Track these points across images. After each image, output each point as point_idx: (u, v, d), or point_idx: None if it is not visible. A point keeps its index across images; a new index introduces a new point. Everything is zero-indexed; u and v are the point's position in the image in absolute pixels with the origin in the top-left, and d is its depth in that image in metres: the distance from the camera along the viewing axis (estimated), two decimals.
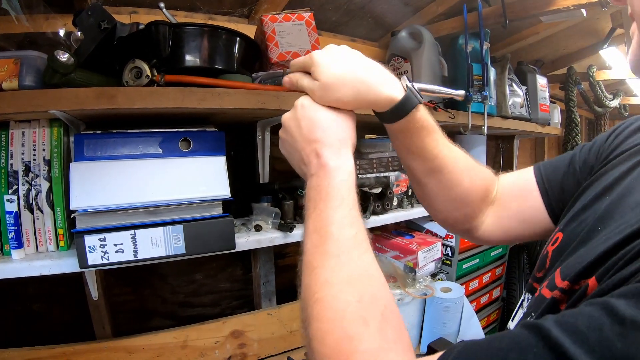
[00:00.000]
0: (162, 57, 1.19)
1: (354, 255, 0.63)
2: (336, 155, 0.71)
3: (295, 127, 0.76)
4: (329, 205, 0.67)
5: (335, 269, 0.61)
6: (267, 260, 1.76)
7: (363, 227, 0.67)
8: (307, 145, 0.74)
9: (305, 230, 0.68)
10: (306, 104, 0.77)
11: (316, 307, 0.58)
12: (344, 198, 0.67)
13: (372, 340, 0.53)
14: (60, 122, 1.15)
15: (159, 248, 1.13)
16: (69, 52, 1.02)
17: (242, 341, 1.59)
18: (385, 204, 1.75)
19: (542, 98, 2.62)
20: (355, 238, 0.64)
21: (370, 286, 0.60)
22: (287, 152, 0.81)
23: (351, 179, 0.70)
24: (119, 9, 1.50)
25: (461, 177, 0.91)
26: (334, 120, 0.75)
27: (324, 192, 0.68)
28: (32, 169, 1.13)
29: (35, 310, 1.45)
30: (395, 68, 1.99)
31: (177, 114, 1.22)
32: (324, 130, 0.73)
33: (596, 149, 0.83)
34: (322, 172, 0.70)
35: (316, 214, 0.67)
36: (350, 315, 0.55)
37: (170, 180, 1.17)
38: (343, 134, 0.75)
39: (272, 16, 1.40)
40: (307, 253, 0.65)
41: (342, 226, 0.65)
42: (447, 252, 2.08)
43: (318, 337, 0.56)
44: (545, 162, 0.94)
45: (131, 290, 1.61)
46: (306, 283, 0.62)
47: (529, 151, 3.72)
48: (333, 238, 0.63)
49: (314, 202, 0.69)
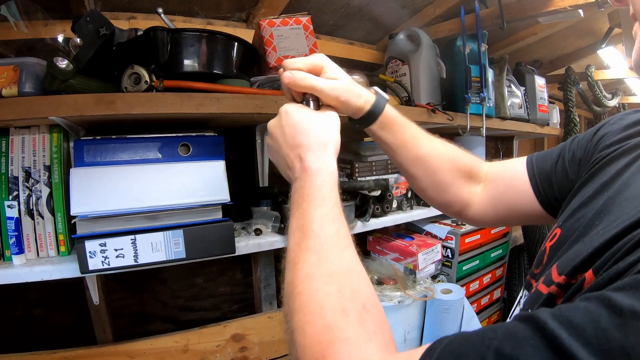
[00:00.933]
0: (160, 63, 1.19)
1: (335, 250, 0.64)
2: (318, 159, 0.75)
3: (280, 134, 0.80)
4: (311, 205, 0.69)
5: (316, 264, 0.62)
6: (268, 263, 1.76)
7: (345, 225, 0.69)
8: (291, 151, 0.78)
9: (289, 229, 0.71)
10: (290, 110, 0.80)
11: (297, 300, 0.60)
12: (325, 197, 0.70)
13: (352, 330, 0.54)
14: (60, 128, 1.15)
15: (159, 253, 1.13)
16: (67, 59, 1.02)
17: (243, 345, 1.59)
18: (384, 207, 1.76)
19: (540, 98, 2.63)
20: (337, 235, 0.66)
21: (350, 280, 0.61)
22: (274, 158, 0.85)
23: (333, 180, 0.74)
24: (117, 15, 1.50)
25: (442, 161, 0.99)
26: (316, 125, 0.79)
27: (306, 193, 0.71)
28: (33, 175, 1.13)
29: (36, 315, 1.46)
30: (393, 70, 2.00)
31: (176, 119, 1.23)
32: (305, 136, 0.77)
33: (584, 142, 0.86)
34: (304, 175, 0.74)
35: (299, 213, 0.70)
36: (330, 305, 0.56)
37: (169, 185, 1.17)
38: (324, 137, 0.78)
39: (270, 20, 1.40)
40: (290, 250, 0.67)
41: (323, 223, 0.67)
42: (447, 253, 2.08)
43: (299, 329, 0.57)
44: (538, 152, 0.98)
45: (132, 295, 1.62)
46: (289, 278, 0.64)
47: (528, 152, 3.70)
48: (314, 235, 0.66)
49: (297, 203, 0.72)
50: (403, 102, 1.79)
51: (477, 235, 2.17)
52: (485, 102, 1.89)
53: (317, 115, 0.81)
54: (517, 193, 0.93)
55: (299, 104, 0.83)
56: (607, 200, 0.62)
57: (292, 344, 0.58)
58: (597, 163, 0.75)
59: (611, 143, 0.76)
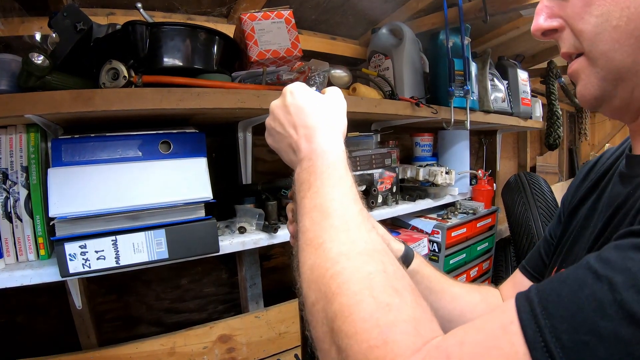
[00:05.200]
0: (139, 58, 1.17)
1: (363, 229, 0.60)
2: (328, 138, 0.71)
3: (283, 115, 0.76)
4: (327, 183, 0.66)
5: (347, 242, 0.58)
6: (253, 262, 1.74)
7: (365, 207, 0.66)
8: (296, 132, 0.73)
9: (301, 211, 0.66)
10: (295, 90, 0.77)
11: (334, 282, 0.53)
12: (342, 176, 0.67)
13: (412, 309, 0.49)
14: (38, 127, 1.12)
15: (141, 253, 1.11)
16: (44, 54, 0.99)
17: (231, 345, 1.57)
18: (370, 202, 1.74)
19: (523, 92, 2.64)
20: (360, 214, 0.63)
21: (390, 259, 0.57)
22: (275, 140, 0.80)
23: (345, 161, 0.70)
24: (95, 11, 1.47)
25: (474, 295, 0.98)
26: (324, 106, 0.76)
27: (318, 172, 0.67)
28: (10, 177, 1.10)
29: (18, 322, 1.42)
30: (376, 65, 1.99)
31: (157, 115, 1.20)
32: (313, 116, 0.74)
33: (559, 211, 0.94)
34: (313, 155, 0.70)
35: (313, 192, 0.66)
36: (380, 285, 0.51)
37: (150, 183, 1.15)
38: (333, 118, 0.75)
39: (251, 14, 1.38)
40: (307, 231, 0.62)
41: (345, 202, 0.63)
42: (434, 247, 2.08)
43: (344, 314, 0.49)
44: (525, 258, 1.03)
45: (115, 298, 1.59)
46: (312, 262, 0.58)
47: (511, 145, 3.74)
48: (337, 213, 0.61)
49: (307, 182, 0.68)
50: (387, 95, 1.78)
51: (464, 228, 2.17)
52: (468, 95, 1.89)
53: (324, 96, 0.78)
54: None
55: (302, 84, 0.80)
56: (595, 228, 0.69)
57: (331, 334, 0.50)
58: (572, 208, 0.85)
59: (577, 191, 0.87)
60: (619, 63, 0.59)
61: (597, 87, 0.63)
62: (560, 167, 4.97)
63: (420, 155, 2.41)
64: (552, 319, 0.40)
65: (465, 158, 2.46)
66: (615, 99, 0.63)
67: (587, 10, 0.60)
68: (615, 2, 0.57)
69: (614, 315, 0.37)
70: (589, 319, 0.39)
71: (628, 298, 0.37)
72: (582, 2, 0.60)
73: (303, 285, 0.59)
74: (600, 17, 0.58)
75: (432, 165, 2.18)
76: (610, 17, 0.57)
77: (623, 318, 0.37)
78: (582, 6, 0.60)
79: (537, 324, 0.41)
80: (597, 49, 0.60)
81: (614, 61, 0.59)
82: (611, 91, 0.62)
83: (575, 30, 0.63)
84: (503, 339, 0.42)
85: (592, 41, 0.61)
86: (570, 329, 0.39)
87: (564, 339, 0.39)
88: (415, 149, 2.43)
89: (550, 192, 2.60)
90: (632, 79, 0.60)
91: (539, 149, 4.22)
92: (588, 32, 0.61)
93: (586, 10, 0.60)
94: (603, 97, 0.64)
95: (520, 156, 3.84)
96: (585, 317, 0.39)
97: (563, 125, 3.29)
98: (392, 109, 1.70)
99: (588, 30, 0.61)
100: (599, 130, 6.19)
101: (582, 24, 0.61)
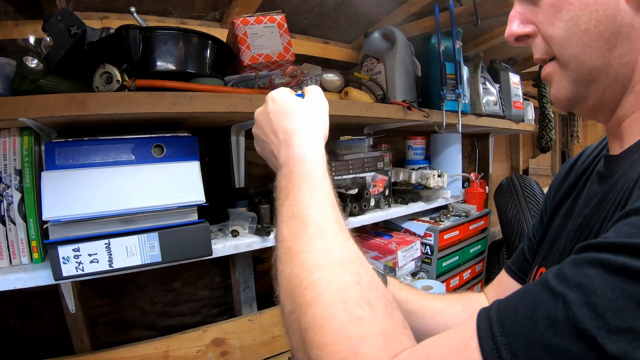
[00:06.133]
0: (133, 62, 1.17)
1: (340, 238, 0.60)
2: (306, 142, 0.71)
3: (265, 121, 0.77)
4: (304, 190, 0.65)
5: (324, 252, 0.57)
6: (246, 265, 1.75)
7: (341, 214, 0.65)
8: (276, 137, 0.74)
9: (279, 218, 0.66)
10: (276, 96, 0.78)
11: (309, 293, 0.53)
12: (320, 182, 0.67)
13: (383, 322, 0.50)
14: (31, 130, 1.12)
15: (134, 257, 1.11)
16: (38, 58, 1.00)
17: (224, 349, 1.58)
18: (362, 205, 1.75)
19: (515, 95, 2.65)
20: (338, 222, 0.62)
21: (365, 270, 0.57)
22: (260, 147, 0.81)
23: (323, 165, 0.70)
24: (89, 15, 1.47)
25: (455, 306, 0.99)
26: (303, 109, 0.76)
27: (296, 178, 0.67)
28: (3, 180, 1.10)
29: (12, 326, 1.42)
30: (368, 69, 2.00)
31: (150, 119, 1.21)
32: (292, 119, 0.74)
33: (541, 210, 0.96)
34: (291, 160, 0.70)
35: (290, 200, 0.65)
36: (353, 297, 0.51)
37: (143, 187, 1.15)
38: (312, 121, 0.75)
39: (244, 19, 1.39)
40: (285, 240, 0.62)
41: (322, 209, 0.63)
42: (427, 250, 2.09)
43: (316, 325, 0.50)
44: (510, 258, 1.04)
45: (109, 302, 1.59)
46: (289, 272, 0.58)
47: (504, 148, 3.75)
48: (314, 221, 0.61)
49: (285, 190, 0.67)
50: (379, 99, 1.79)
51: (456, 231, 2.18)
52: (460, 98, 1.90)
53: (304, 100, 0.78)
54: None
55: (285, 89, 0.80)
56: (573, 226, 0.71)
57: (304, 344, 0.51)
58: (553, 206, 0.87)
59: (558, 190, 0.88)
60: (590, 65, 0.62)
61: (570, 89, 0.66)
62: (552, 169, 4.99)
63: (413, 159, 2.41)
64: (508, 336, 0.41)
65: (457, 161, 2.47)
66: (589, 100, 0.66)
67: (557, 15, 0.62)
68: (583, 6, 0.59)
69: (567, 333, 0.38)
70: (544, 336, 0.40)
71: (580, 315, 0.38)
72: (552, 8, 0.62)
73: (280, 294, 0.59)
74: (569, 21, 0.61)
75: (424, 169, 2.19)
76: (579, 21, 0.60)
77: (575, 335, 0.38)
78: (552, 12, 0.63)
79: (494, 340, 0.42)
80: (567, 53, 0.63)
81: (585, 63, 0.62)
82: (584, 92, 0.65)
83: (545, 36, 0.65)
84: (464, 354, 0.44)
85: (562, 45, 0.63)
86: (525, 345, 0.40)
87: (519, 356, 0.40)
88: (408, 152, 2.44)
89: (542, 195, 2.62)
90: (604, 80, 0.62)
91: (532, 151, 4.23)
92: (558, 37, 0.63)
93: (556, 16, 0.62)
94: (576, 98, 0.66)
95: (512, 159, 3.86)
96: (540, 334, 0.40)
97: (555, 128, 3.30)
98: (384, 112, 1.71)
99: (558, 35, 0.63)
100: (591, 133, 6.22)
101: (552, 30, 0.63)
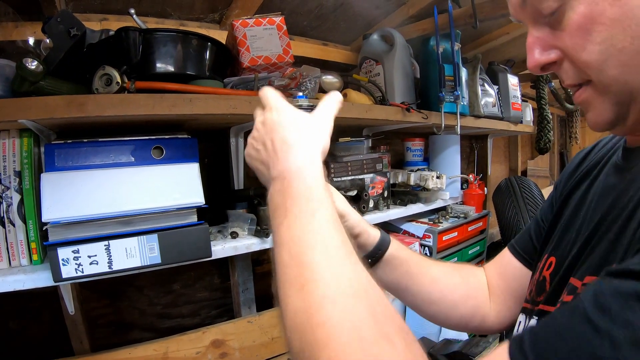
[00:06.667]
0: (132, 64, 1.17)
1: (348, 264, 0.55)
2: (305, 155, 0.67)
3: (262, 129, 0.73)
4: (304, 209, 0.59)
5: (332, 283, 0.52)
6: (245, 267, 1.75)
7: (347, 234, 0.60)
8: (272, 145, 0.69)
9: (277, 241, 0.60)
10: (277, 104, 0.73)
11: (320, 331, 0.48)
12: (321, 200, 0.61)
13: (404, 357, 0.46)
14: (31, 132, 1.12)
15: (134, 258, 1.11)
16: (37, 60, 1.00)
17: (224, 350, 1.57)
18: (361, 207, 1.76)
19: (513, 97, 2.65)
20: (344, 245, 0.57)
21: (377, 299, 0.52)
22: (252, 157, 0.76)
23: (323, 180, 0.65)
24: (89, 16, 1.47)
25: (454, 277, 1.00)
26: (305, 121, 0.71)
27: (294, 195, 0.62)
28: (3, 181, 1.10)
29: (11, 327, 1.42)
30: (367, 70, 2.01)
31: (149, 121, 1.21)
32: (292, 130, 0.69)
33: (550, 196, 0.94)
34: (287, 174, 0.65)
35: (289, 220, 0.59)
36: (370, 333, 0.47)
37: (143, 188, 1.15)
38: (313, 134, 0.70)
39: (243, 21, 1.39)
40: (288, 267, 0.56)
41: (326, 232, 0.58)
42: (426, 251, 2.09)
43: None
44: (515, 237, 1.03)
45: (108, 303, 1.59)
46: (296, 306, 0.52)
47: (502, 149, 3.76)
48: (319, 246, 0.56)
49: (282, 208, 0.61)
50: (377, 101, 1.79)
51: (455, 232, 2.19)
52: (459, 100, 1.90)
53: (307, 114, 0.73)
54: (516, 279, 0.95)
55: (288, 104, 0.75)
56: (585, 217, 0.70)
57: None
58: (564, 195, 0.84)
59: (570, 177, 0.86)
60: (632, 84, 0.56)
61: (612, 112, 0.61)
62: (551, 170, 4.99)
63: (412, 160, 2.42)
64: None
65: (456, 162, 2.47)
66: (629, 119, 0.61)
67: (587, 39, 0.56)
68: (615, 25, 0.54)
69: None
70: None
71: (629, 356, 0.36)
72: (581, 31, 0.57)
73: (286, 329, 0.53)
74: (603, 43, 0.55)
75: (423, 170, 2.19)
76: (614, 41, 0.54)
77: None
78: (581, 36, 0.57)
79: None
80: (606, 77, 0.57)
81: (628, 84, 0.57)
82: (625, 113, 0.60)
83: (578, 62, 0.59)
84: None
85: (600, 70, 0.57)
86: None
87: None
88: (407, 153, 2.45)
89: (540, 196, 2.62)
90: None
91: (530, 153, 4.24)
92: (594, 62, 0.57)
93: (587, 39, 0.56)
94: (617, 120, 0.61)
95: (511, 160, 3.86)
96: None
97: (553, 129, 3.31)
98: (383, 114, 1.71)
99: (594, 60, 0.57)
100: (589, 134, 6.23)
101: (585, 55, 0.57)
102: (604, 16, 0.54)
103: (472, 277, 1.01)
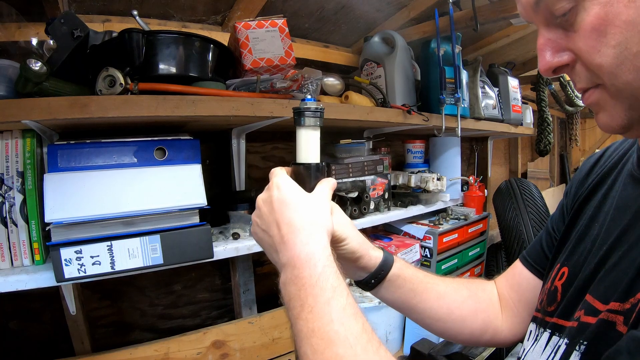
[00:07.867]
0: (135, 65, 1.18)
1: (371, 352, 0.56)
2: (311, 241, 0.66)
3: (268, 210, 0.72)
4: (320, 299, 0.59)
5: None
6: (246, 268, 1.75)
7: (364, 316, 0.60)
8: (278, 230, 0.68)
9: (298, 335, 0.60)
10: (282, 185, 0.73)
11: None
12: (335, 287, 0.61)
13: None
14: (34, 132, 1.13)
15: (136, 259, 1.11)
16: (41, 61, 1.00)
17: (224, 351, 1.58)
18: (362, 208, 1.76)
19: (514, 99, 2.66)
20: (365, 332, 0.58)
21: None
22: (258, 237, 0.76)
23: (334, 264, 0.65)
24: (91, 18, 1.48)
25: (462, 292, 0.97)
26: (309, 203, 0.71)
27: (308, 285, 0.61)
28: (6, 182, 1.11)
29: (12, 328, 1.42)
30: (368, 73, 2.01)
31: (152, 122, 1.21)
32: (297, 213, 0.69)
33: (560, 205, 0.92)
34: (297, 261, 0.64)
35: (306, 312, 0.59)
36: None
37: (145, 189, 1.16)
38: (318, 217, 0.70)
39: (246, 23, 1.40)
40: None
41: (345, 321, 0.58)
42: (426, 253, 2.09)
43: None
44: (526, 249, 1.00)
45: (109, 304, 1.59)
46: None
47: (502, 151, 3.77)
48: (340, 338, 0.56)
49: (298, 299, 0.61)
50: (379, 103, 1.80)
51: (455, 234, 2.19)
52: (459, 102, 1.91)
53: (309, 194, 0.73)
54: (529, 291, 0.93)
55: (290, 179, 0.75)
56: (605, 230, 0.68)
57: None
58: (577, 203, 0.82)
59: (582, 185, 0.85)
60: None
61: (625, 116, 0.58)
62: (551, 172, 5.00)
63: (412, 162, 2.43)
64: None
65: (456, 164, 2.48)
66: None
67: (602, 41, 0.54)
68: (630, 27, 0.51)
69: None
70: None
71: None
72: (595, 33, 0.54)
73: None
74: (618, 46, 0.53)
75: (423, 172, 2.20)
76: (629, 44, 0.52)
77: None
78: (595, 38, 0.54)
79: None
80: (620, 81, 0.55)
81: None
82: (638, 117, 0.58)
83: (591, 65, 0.57)
84: None
85: (613, 74, 0.55)
86: None
87: None
88: (407, 155, 2.45)
89: (540, 198, 2.63)
90: None
91: (530, 155, 4.25)
92: (608, 65, 0.55)
93: (601, 42, 0.54)
94: (630, 124, 0.59)
95: (511, 162, 3.87)
96: None
97: (554, 132, 3.32)
98: (384, 116, 1.71)
99: (608, 63, 0.54)
100: (589, 136, 6.25)
101: (599, 58, 0.55)
102: (619, 18, 0.52)
103: (481, 292, 0.99)
